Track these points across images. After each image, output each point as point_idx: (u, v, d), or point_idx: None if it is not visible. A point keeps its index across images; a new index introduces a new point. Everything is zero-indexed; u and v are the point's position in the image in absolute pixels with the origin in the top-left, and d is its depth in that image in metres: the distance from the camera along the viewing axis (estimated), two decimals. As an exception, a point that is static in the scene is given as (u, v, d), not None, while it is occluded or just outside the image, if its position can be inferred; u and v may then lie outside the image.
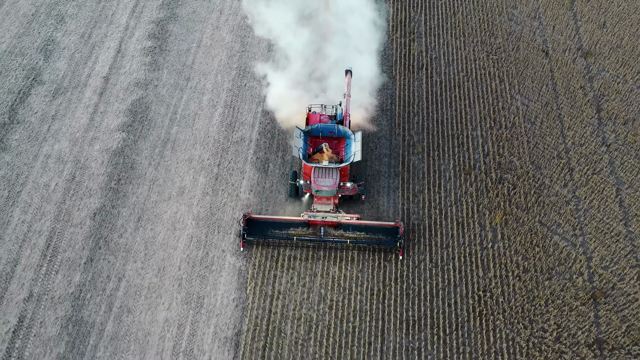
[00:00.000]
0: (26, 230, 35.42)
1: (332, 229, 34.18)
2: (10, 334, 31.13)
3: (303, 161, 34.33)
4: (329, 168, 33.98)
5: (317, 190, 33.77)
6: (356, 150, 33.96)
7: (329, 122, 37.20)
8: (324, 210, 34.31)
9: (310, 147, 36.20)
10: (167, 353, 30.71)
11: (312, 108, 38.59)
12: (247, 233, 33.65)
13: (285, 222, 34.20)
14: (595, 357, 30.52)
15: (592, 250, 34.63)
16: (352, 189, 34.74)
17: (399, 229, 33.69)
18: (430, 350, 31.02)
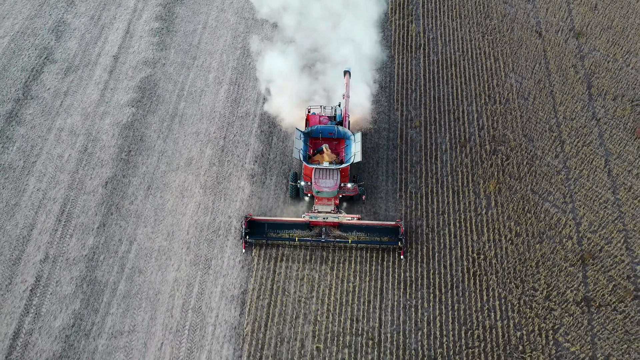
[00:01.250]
0: (41, 198, 36.62)
1: (333, 229, 34.15)
2: (28, 292, 32.36)
3: (303, 162, 34.09)
4: (330, 169, 33.71)
5: (317, 191, 33.52)
6: (356, 151, 33.67)
7: (329, 123, 36.80)
8: (325, 211, 34.04)
9: (311, 148, 35.84)
10: (177, 310, 31.93)
11: (312, 109, 38.15)
12: (248, 234, 33.43)
13: (287, 224, 34.01)
14: (583, 313, 31.73)
15: (581, 216, 35.83)
16: (352, 189, 34.53)
17: (400, 229, 33.55)
18: (427, 307, 32.24)
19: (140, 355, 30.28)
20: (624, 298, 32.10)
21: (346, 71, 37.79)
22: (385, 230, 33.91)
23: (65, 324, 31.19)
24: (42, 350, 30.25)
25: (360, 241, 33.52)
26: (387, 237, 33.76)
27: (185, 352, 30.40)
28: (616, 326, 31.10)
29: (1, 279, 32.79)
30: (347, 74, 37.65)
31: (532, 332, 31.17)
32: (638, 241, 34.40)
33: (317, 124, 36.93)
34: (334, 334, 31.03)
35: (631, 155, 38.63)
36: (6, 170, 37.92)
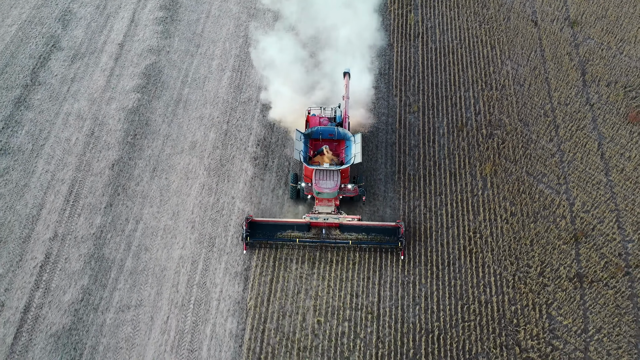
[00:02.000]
0: (50, 179, 37.40)
1: (333, 230, 34.06)
2: (38, 269, 33.15)
3: (304, 164, 33.93)
4: (330, 170, 33.58)
5: (318, 192, 33.38)
6: (356, 152, 33.53)
7: (329, 125, 36.71)
8: (325, 212, 34.01)
9: (311, 149, 35.74)
10: (182, 285, 32.73)
11: (312, 111, 37.98)
12: (249, 236, 33.30)
13: (287, 224, 33.96)
14: (575, 288, 32.53)
15: (575, 196, 36.60)
16: (352, 190, 34.39)
17: (400, 229, 33.45)
18: (424, 283, 33.03)
19: (147, 328, 31.07)
20: (615, 274, 32.88)
21: (346, 72, 37.62)
22: (386, 230, 33.77)
23: (74, 299, 31.99)
24: (52, 323, 31.05)
25: (361, 242, 33.43)
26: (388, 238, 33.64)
27: (190, 325, 31.20)
28: (607, 301, 31.89)
29: (12, 256, 33.58)
30: (347, 75, 37.49)
31: (526, 306, 31.96)
32: (629, 220, 35.17)
33: (317, 125, 36.74)
34: (334, 308, 31.82)
35: (623, 138, 39.38)
36: (15, 153, 38.69)
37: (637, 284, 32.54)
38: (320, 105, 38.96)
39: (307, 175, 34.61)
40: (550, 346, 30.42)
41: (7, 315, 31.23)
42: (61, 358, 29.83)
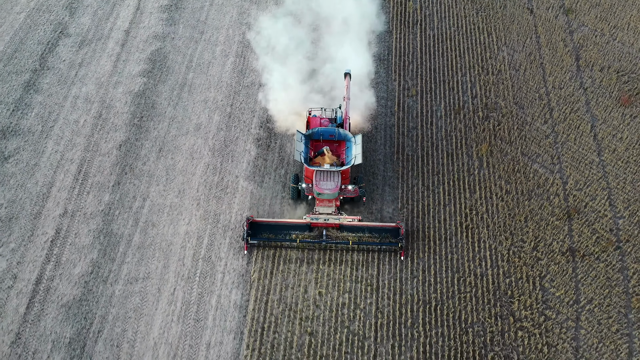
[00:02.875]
0: (59, 159, 38.26)
1: (334, 231, 33.87)
2: (49, 243, 34.04)
3: (304, 164, 33.86)
4: (330, 171, 33.55)
5: (318, 193, 33.28)
6: (357, 153, 33.51)
7: (329, 126, 36.63)
8: (326, 212, 33.86)
9: (312, 150, 35.65)
10: (188, 259, 33.61)
11: (313, 111, 37.87)
12: (250, 236, 33.15)
13: (288, 225, 33.86)
14: (567, 262, 33.41)
15: (568, 175, 37.46)
16: (353, 191, 34.23)
17: (400, 230, 33.31)
18: (422, 257, 33.92)
19: (154, 299, 31.96)
20: (606, 248, 33.76)
21: (346, 73, 37.57)
22: (386, 231, 33.65)
23: (84, 271, 32.87)
24: (63, 294, 31.93)
25: (361, 242, 33.32)
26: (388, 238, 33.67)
27: (196, 296, 32.08)
28: (598, 273, 32.78)
29: (24, 231, 34.46)
30: (348, 76, 37.44)
31: (520, 279, 32.85)
32: (620, 197, 36.04)
33: (317, 126, 36.61)
34: (335, 281, 32.69)
35: (616, 120, 40.24)
36: (25, 134, 39.55)
37: (627, 257, 33.43)
38: (321, 106, 38.89)
39: (307, 176, 34.49)
40: (543, 316, 31.31)
41: (19, 287, 32.12)
42: (72, 327, 30.71)
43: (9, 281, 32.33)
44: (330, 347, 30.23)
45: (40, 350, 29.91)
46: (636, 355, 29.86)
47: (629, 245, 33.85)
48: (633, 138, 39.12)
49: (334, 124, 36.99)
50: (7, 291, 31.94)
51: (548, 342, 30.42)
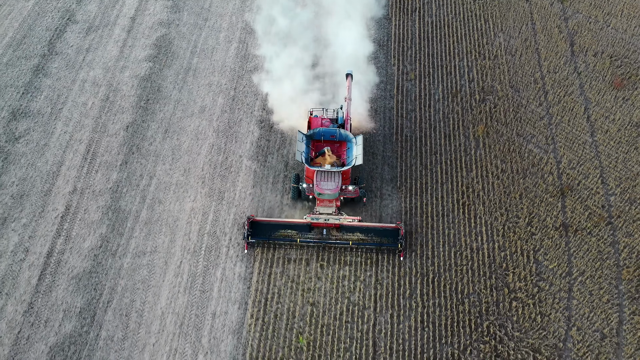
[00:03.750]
0: (68, 139, 39.08)
1: (334, 231, 33.85)
2: (59, 219, 34.88)
3: (305, 165, 33.62)
4: (331, 172, 33.38)
5: (319, 193, 33.10)
6: (357, 154, 33.30)
7: (331, 126, 36.40)
8: (326, 212, 33.66)
9: (313, 150, 35.47)
10: (194, 234, 34.45)
11: (314, 112, 37.54)
12: (251, 235, 33.01)
13: (288, 225, 33.77)
14: (560, 237, 34.24)
15: (562, 155, 38.27)
16: (353, 191, 34.08)
17: (400, 231, 33.07)
18: (420, 232, 34.75)
19: (161, 271, 32.81)
20: (598, 224, 34.60)
21: (348, 74, 37.47)
22: (386, 232, 33.51)
23: (94, 245, 33.72)
24: (74, 267, 32.79)
25: (361, 242, 33.24)
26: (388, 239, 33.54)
27: (202, 269, 32.93)
28: (590, 247, 33.63)
29: (35, 208, 35.29)
30: (349, 76, 37.33)
31: (514, 252, 33.69)
32: (612, 176, 36.87)
33: (319, 126, 36.40)
34: (336, 255, 33.50)
35: (609, 103, 41.03)
36: (35, 116, 40.36)
37: (618, 232, 34.27)
38: (322, 106, 38.72)
39: (308, 176, 34.42)
40: (536, 287, 32.16)
41: (31, 260, 32.97)
42: (82, 297, 31.57)
43: (21, 254, 33.18)
44: (331, 316, 31.08)
45: (52, 319, 30.77)
46: (626, 324, 30.72)
47: (620, 221, 34.69)
48: (625, 119, 39.92)
49: (335, 124, 36.67)
50: (19, 263, 32.79)
51: (541, 311, 31.26)
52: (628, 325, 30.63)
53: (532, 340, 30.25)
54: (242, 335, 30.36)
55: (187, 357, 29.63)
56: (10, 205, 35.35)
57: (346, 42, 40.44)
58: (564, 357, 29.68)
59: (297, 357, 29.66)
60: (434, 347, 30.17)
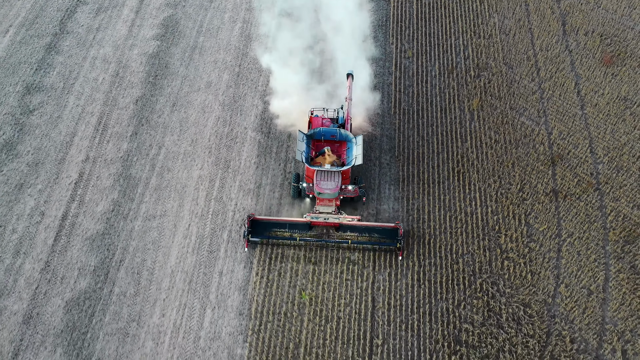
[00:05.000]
0: (80, 112, 40.27)
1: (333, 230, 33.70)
2: (73, 185, 36.10)
3: (305, 164, 33.40)
4: (331, 171, 33.18)
5: (319, 192, 32.93)
6: (357, 154, 33.04)
7: (331, 126, 36.15)
8: (326, 211, 33.58)
9: (313, 150, 35.25)
10: (201, 199, 35.67)
11: (315, 112, 37.13)
12: (251, 234, 32.88)
13: (288, 223, 33.62)
14: (550, 202, 35.46)
15: (552, 127, 39.46)
16: (353, 191, 33.82)
17: (399, 230, 32.87)
18: (417, 198, 35.97)
19: (170, 233, 34.05)
20: (587, 190, 35.81)
21: (349, 74, 37.26)
22: (385, 231, 33.32)
23: (106, 209, 34.95)
24: (87, 229, 34.03)
25: (360, 242, 33.08)
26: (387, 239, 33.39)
27: (209, 231, 34.17)
28: (579, 211, 34.85)
29: (49, 175, 36.51)
30: (350, 76, 37.11)
31: (507, 216, 34.91)
32: (600, 146, 38.05)
33: (319, 126, 36.10)
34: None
35: (598, 78, 42.17)
36: (48, 90, 41.53)
37: (605, 197, 35.48)
38: (323, 106, 38.40)
39: (308, 176, 34.24)
40: (527, 248, 33.40)
41: (47, 222, 34.21)
42: (96, 257, 32.81)
43: (37, 217, 34.42)
44: (332, 274, 32.32)
45: (68, 276, 32.03)
46: (612, 281, 31.96)
47: (607, 187, 35.90)
48: (614, 94, 41.08)
49: (336, 124, 36.47)
50: (36, 226, 34.03)
51: (531, 270, 32.50)
52: (614, 282, 31.87)
53: (523, 296, 31.49)
54: (247, 291, 31.60)
55: (195, 311, 30.88)
56: (26, 173, 36.56)
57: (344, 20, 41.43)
58: (553, 312, 30.93)
59: (300, 311, 30.91)
60: (430, 302, 31.43)
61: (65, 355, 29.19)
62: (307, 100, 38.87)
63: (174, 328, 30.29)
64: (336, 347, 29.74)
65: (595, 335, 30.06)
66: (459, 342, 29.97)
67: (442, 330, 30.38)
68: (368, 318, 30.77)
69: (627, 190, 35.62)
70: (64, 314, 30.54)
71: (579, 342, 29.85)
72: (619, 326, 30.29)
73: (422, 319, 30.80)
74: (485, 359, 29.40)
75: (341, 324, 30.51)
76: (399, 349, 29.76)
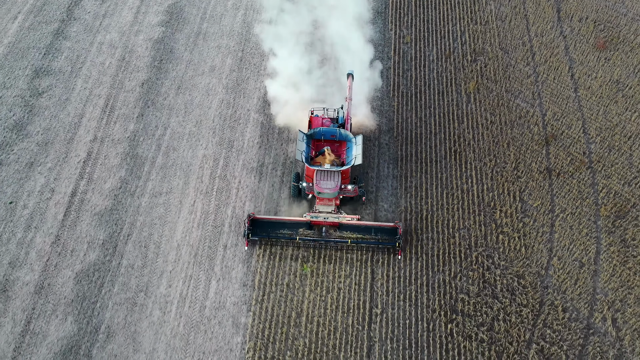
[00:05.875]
0: (88, 94, 41.02)
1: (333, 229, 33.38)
2: (82, 163, 36.89)
3: (305, 164, 33.18)
4: (331, 171, 32.96)
5: (319, 192, 32.75)
6: (357, 154, 32.78)
7: (331, 126, 35.89)
8: (325, 211, 33.39)
9: (313, 150, 35.05)
10: (206, 177, 36.45)
11: (315, 111, 36.87)
12: (251, 233, 32.58)
13: (288, 223, 33.33)
14: (544, 179, 36.25)
15: (547, 109, 40.22)
16: (352, 191, 33.54)
17: (398, 230, 32.68)
18: (415, 176, 36.75)
19: (176, 209, 34.84)
20: (580, 168, 36.59)
21: (349, 74, 37.01)
22: (384, 230, 33.10)
23: (114, 186, 35.74)
24: (96, 205, 34.83)
25: (360, 241, 32.87)
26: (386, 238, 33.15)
27: (214, 207, 34.96)
28: (571, 188, 35.64)
29: (59, 154, 37.29)
30: (350, 76, 36.85)
31: (502, 193, 35.69)
32: (593, 126, 38.82)
33: (319, 126, 35.87)
34: (337, 195, 35.44)
35: (592, 62, 42.90)
36: (57, 74, 42.28)
37: (597, 175, 36.26)
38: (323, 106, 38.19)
39: (308, 175, 34.04)
40: (521, 223, 34.20)
41: (57, 198, 35.01)
42: (105, 231, 33.62)
43: (47, 194, 35.21)
44: (332, 248, 33.06)
45: (78, 249, 32.84)
46: (603, 254, 32.76)
47: (600, 165, 36.67)
48: (606, 77, 41.82)
49: (336, 124, 36.20)
50: (46, 202, 34.83)
51: (525, 244, 33.31)
52: (605, 255, 32.68)
53: (517, 268, 32.31)
54: (251, 264, 32.40)
55: (201, 282, 31.70)
56: (36, 152, 37.34)
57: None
58: (546, 283, 31.74)
59: (301, 282, 31.71)
60: (427, 274, 32.24)
61: (76, 323, 30.01)
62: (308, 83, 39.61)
63: (180, 298, 31.10)
64: (337, 316, 30.55)
65: (587, 304, 30.86)
66: (455, 311, 30.78)
67: (439, 300, 31.20)
68: (367, 289, 31.57)
69: (619, 168, 36.40)
70: (74, 285, 31.35)
71: (571, 311, 30.67)
72: (610, 296, 31.10)
73: (420, 289, 31.61)
74: (480, 326, 30.22)
75: (341, 294, 31.32)
76: (397, 317, 30.58)
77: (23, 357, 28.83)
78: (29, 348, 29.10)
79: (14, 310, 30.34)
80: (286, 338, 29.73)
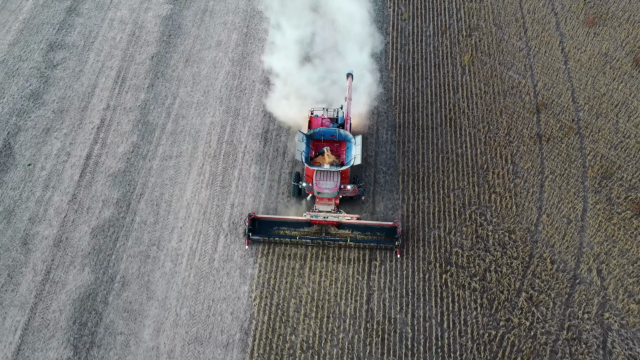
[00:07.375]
0: (100, 67, 42.26)
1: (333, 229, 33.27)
2: (95, 129, 38.17)
3: (305, 164, 33.04)
4: (330, 171, 32.75)
5: (318, 192, 32.59)
6: (356, 154, 32.56)
7: (331, 126, 35.67)
8: (325, 210, 33.27)
9: (312, 150, 34.84)
10: (214, 142, 37.73)
11: (314, 112, 36.66)
12: (252, 232, 32.50)
13: (288, 222, 33.29)
14: (534, 144, 37.52)
15: (538, 80, 41.45)
16: (352, 190, 33.44)
17: (397, 229, 32.61)
18: (412, 141, 38.03)
19: (186, 171, 36.15)
20: (568, 133, 37.85)
21: (349, 74, 36.78)
22: (384, 230, 33.00)
23: (127, 150, 37.04)
24: (110, 167, 36.14)
25: (359, 240, 32.80)
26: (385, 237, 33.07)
27: (221, 169, 36.26)
28: (560, 151, 36.92)
29: (74, 120, 38.58)
30: (350, 76, 36.63)
31: (494, 157, 36.98)
32: (582, 96, 40.04)
33: (319, 126, 35.65)
34: (338, 158, 36.71)
35: (581, 37, 44.09)
36: (70, 48, 43.50)
37: (585, 140, 37.53)
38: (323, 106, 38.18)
39: (308, 175, 33.85)
40: (513, 183, 35.49)
41: (73, 161, 36.32)
42: (118, 191, 34.93)
43: (63, 157, 36.52)
44: (334, 206, 34.36)
45: (93, 207, 34.17)
46: (589, 212, 34.05)
47: (587, 131, 37.94)
48: (595, 50, 43.01)
49: (335, 124, 36.00)
50: (62, 164, 36.14)
51: (516, 202, 34.62)
52: (591, 212, 33.98)
53: (508, 225, 33.63)
54: (257, 221, 33.66)
55: (210, 237, 33.03)
56: (52, 119, 38.62)
57: None
58: (535, 238, 33.06)
59: (305, 237, 32.99)
60: (423, 229, 33.56)
61: (93, 273, 31.37)
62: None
63: (190, 251, 32.45)
64: (338, 267, 31.90)
65: (574, 257, 32.20)
66: (450, 263, 32.12)
67: (435, 254, 32.54)
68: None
69: (605, 133, 37.68)
70: (90, 239, 32.69)
71: (559, 263, 32.00)
72: (595, 249, 32.43)
73: (417, 244, 32.94)
74: (473, 277, 31.57)
75: (342, 248, 32.62)
76: (395, 269, 31.92)
77: (44, 302, 30.21)
78: (49, 295, 30.47)
79: (34, 262, 31.69)
80: (290, 287, 31.08)
